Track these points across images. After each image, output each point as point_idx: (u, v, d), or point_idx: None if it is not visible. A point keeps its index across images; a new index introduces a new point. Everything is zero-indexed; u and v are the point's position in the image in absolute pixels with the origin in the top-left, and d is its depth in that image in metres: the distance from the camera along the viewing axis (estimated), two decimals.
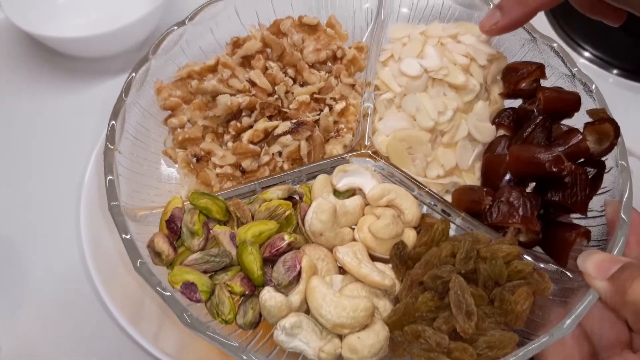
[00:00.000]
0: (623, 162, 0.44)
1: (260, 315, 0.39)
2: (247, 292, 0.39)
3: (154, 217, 0.44)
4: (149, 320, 0.55)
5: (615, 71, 0.75)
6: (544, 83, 0.51)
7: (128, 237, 0.39)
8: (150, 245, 0.41)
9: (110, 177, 0.42)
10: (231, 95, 0.49)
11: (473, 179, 0.49)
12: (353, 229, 0.45)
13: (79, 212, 0.56)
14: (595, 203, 0.45)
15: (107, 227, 0.57)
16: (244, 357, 0.35)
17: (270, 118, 0.49)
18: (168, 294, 0.37)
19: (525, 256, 0.42)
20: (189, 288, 0.39)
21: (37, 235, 0.68)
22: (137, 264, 0.38)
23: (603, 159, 0.46)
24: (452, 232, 0.45)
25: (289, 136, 0.48)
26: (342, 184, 0.46)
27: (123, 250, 0.58)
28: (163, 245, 0.40)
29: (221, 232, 0.42)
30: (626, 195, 0.42)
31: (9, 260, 0.66)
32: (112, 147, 0.43)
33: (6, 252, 0.67)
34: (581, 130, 0.46)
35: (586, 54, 0.77)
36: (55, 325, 0.61)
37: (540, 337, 0.36)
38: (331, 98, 0.51)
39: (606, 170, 0.45)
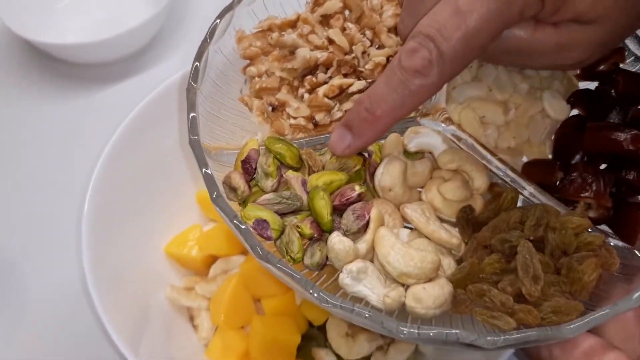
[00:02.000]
0: None
1: (327, 258, 0.40)
2: (315, 236, 0.40)
3: (227, 157, 0.45)
4: (152, 344, 0.55)
5: None
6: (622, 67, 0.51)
7: (208, 171, 0.40)
8: (226, 181, 0.42)
9: (192, 114, 0.43)
10: (310, 50, 0.50)
11: (544, 154, 0.49)
12: (420, 192, 0.45)
13: (79, 226, 0.55)
14: None
15: (111, 241, 0.56)
16: (311, 291, 0.36)
17: (345, 76, 0.50)
18: (243, 227, 0.38)
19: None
20: (260, 225, 0.40)
21: (34, 251, 0.67)
22: (214, 195, 0.39)
23: None
24: (520, 204, 0.45)
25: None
26: (413, 144, 0.46)
27: (130, 264, 0.59)
28: (239, 181, 0.41)
29: (293, 177, 0.43)
30: None
31: (6, 277, 0.66)
32: (195, 86, 0.45)
33: (3, 268, 0.66)
34: None
35: None
36: (53, 346, 0.62)
37: (605, 307, 0.36)
38: None
39: None
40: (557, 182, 0.44)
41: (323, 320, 0.60)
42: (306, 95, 0.49)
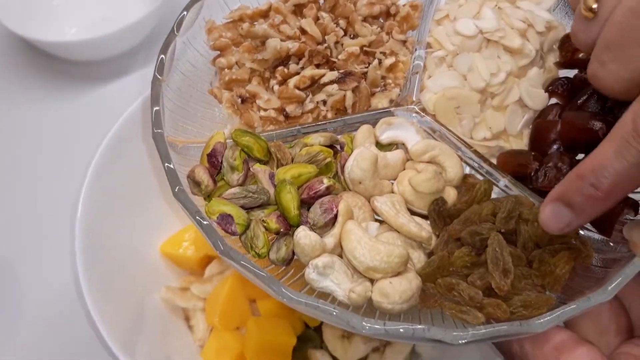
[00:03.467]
0: None
1: (293, 253, 0.39)
2: (282, 230, 0.39)
3: (195, 151, 0.44)
4: (147, 346, 0.55)
5: None
6: None
7: (171, 165, 0.39)
8: (190, 175, 0.41)
9: (156, 108, 0.42)
10: (281, 40, 0.49)
11: (520, 145, 0.47)
12: (392, 184, 0.44)
13: (73, 227, 0.55)
14: None
15: (105, 241, 0.56)
16: (274, 288, 0.35)
17: (317, 66, 0.49)
18: (206, 222, 0.37)
19: None
20: (225, 219, 0.39)
21: (28, 252, 0.66)
22: (176, 189, 0.38)
23: None
24: (494, 195, 0.44)
25: (335, 85, 0.48)
26: (386, 136, 0.45)
27: (125, 264, 0.58)
28: (203, 175, 0.40)
29: (261, 170, 0.42)
30: None
31: (5, 278, 0.65)
32: (160, 78, 0.44)
33: None
34: None
35: None
36: (49, 350, 0.61)
37: (577, 300, 0.35)
38: (381, 52, 0.50)
39: None
40: (532, 173, 0.43)
41: (319, 321, 0.59)
42: (277, 87, 0.48)
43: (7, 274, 0.65)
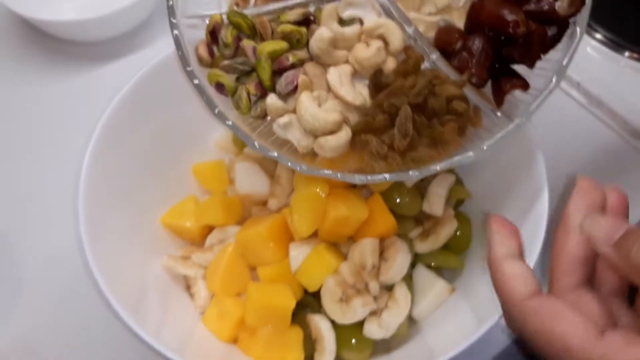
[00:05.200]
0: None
1: (266, 112, 0.56)
2: (258, 94, 0.56)
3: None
4: (151, 313, 0.57)
5: (627, 54, 0.78)
6: None
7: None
8: (195, 51, 0.57)
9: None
10: None
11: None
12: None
13: (76, 199, 0.56)
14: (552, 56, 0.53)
15: (108, 214, 0.58)
16: (246, 140, 0.53)
17: None
18: (199, 83, 0.53)
19: (468, 96, 0.53)
20: (219, 87, 0.56)
21: (30, 226, 0.69)
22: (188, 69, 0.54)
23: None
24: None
25: None
26: (347, 14, 0.57)
27: (127, 236, 0.61)
28: (203, 52, 0.56)
29: (247, 45, 0.56)
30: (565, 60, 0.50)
31: (1, 254, 0.66)
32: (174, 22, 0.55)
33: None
34: None
35: (598, 35, 0.80)
36: (53, 319, 0.63)
37: (453, 156, 0.50)
38: None
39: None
40: (453, 52, 0.54)
41: (318, 286, 0.60)
42: None
43: (8, 249, 0.68)
